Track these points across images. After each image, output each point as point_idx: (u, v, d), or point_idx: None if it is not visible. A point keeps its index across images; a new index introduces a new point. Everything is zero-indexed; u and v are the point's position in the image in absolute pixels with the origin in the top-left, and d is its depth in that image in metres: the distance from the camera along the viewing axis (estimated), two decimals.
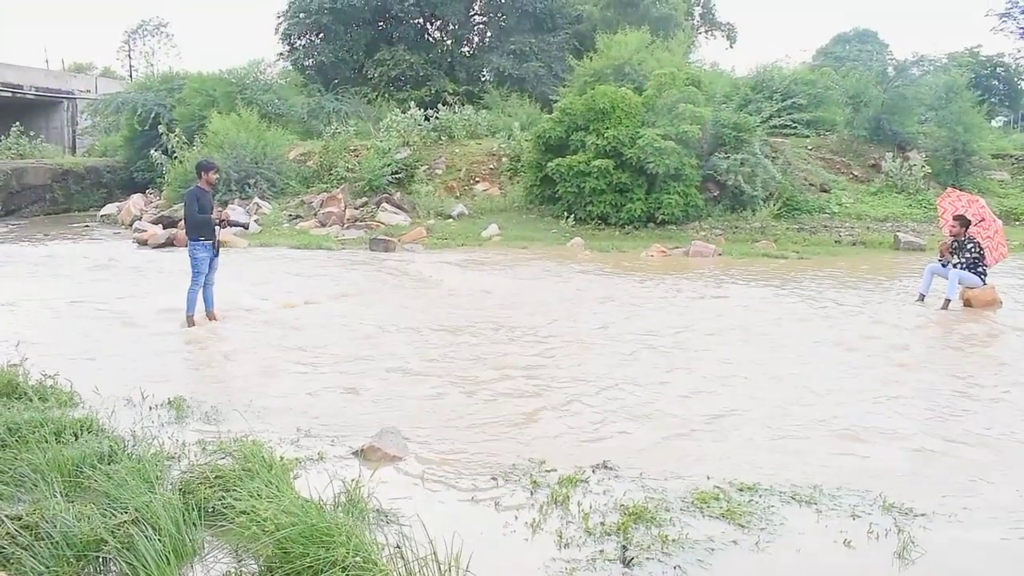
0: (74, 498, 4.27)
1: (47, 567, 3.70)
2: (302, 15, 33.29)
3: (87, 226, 22.98)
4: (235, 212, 10.02)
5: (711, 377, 7.43)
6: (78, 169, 29.16)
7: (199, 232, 9.30)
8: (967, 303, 10.96)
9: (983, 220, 11.56)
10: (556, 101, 22.18)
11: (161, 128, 25.76)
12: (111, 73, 52.87)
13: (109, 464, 4.61)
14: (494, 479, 4.97)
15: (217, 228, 9.39)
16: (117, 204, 25.33)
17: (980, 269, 11.04)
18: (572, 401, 6.63)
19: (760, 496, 4.74)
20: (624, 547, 4.07)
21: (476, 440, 5.73)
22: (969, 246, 11.06)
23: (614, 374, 7.45)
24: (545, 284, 12.78)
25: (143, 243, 17.83)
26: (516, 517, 4.45)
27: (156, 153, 25.46)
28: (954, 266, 11.04)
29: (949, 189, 13.78)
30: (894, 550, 4.12)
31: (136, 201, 24.21)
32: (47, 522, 3.90)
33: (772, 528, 4.35)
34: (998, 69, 38.15)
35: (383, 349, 8.35)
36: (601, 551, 4.05)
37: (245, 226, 9.35)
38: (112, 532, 3.80)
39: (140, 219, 21.61)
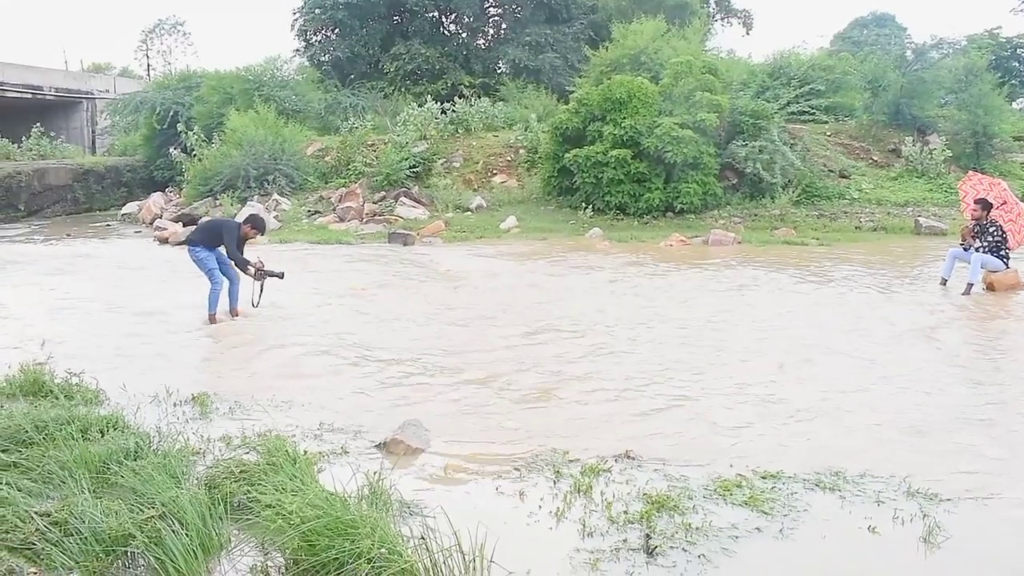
0: (101, 494, 4.32)
1: (76, 562, 3.75)
2: (317, 11, 33.35)
3: (108, 225, 23.17)
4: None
5: (730, 366, 7.41)
6: (98, 169, 29.37)
7: (198, 239, 9.58)
8: (990, 287, 10.86)
9: (1005, 203, 11.45)
10: (572, 92, 22.09)
11: (180, 126, 25.95)
12: (129, 73, 53.18)
13: (135, 460, 4.65)
14: (517, 470, 4.98)
15: (256, 281, 9.57)
16: (138, 203, 25.52)
17: (1003, 252, 10.93)
18: (594, 392, 6.63)
19: (783, 483, 4.73)
20: (648, 536, 4.07)
21: (499, 431, 5.74)
22: (991, 229, 10.95)
23: (636, 365, 7.44)
24: (565, 275, 12.77)
25: (164, 241, 17.97)
26: (540, 507, 4.47)
27: (175, 151, 25.66)
28: (976, 250, 10.93)
29: (970, 172, 13.62)
30: (920, 535, 4.10)
31: (156, 199, 24.38)
32: (75, 518, 3.96)
33: (796, 515, 4.34)
34: (1018, 50, 37.64)
35: (404, 343, 8.38)
36: (625, 540, 4.05)
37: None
38: (140, 527, 3.84)
39: (161, 217, 21.78)
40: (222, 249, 9.50)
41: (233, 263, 9.50)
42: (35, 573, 3.63)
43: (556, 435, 5.61)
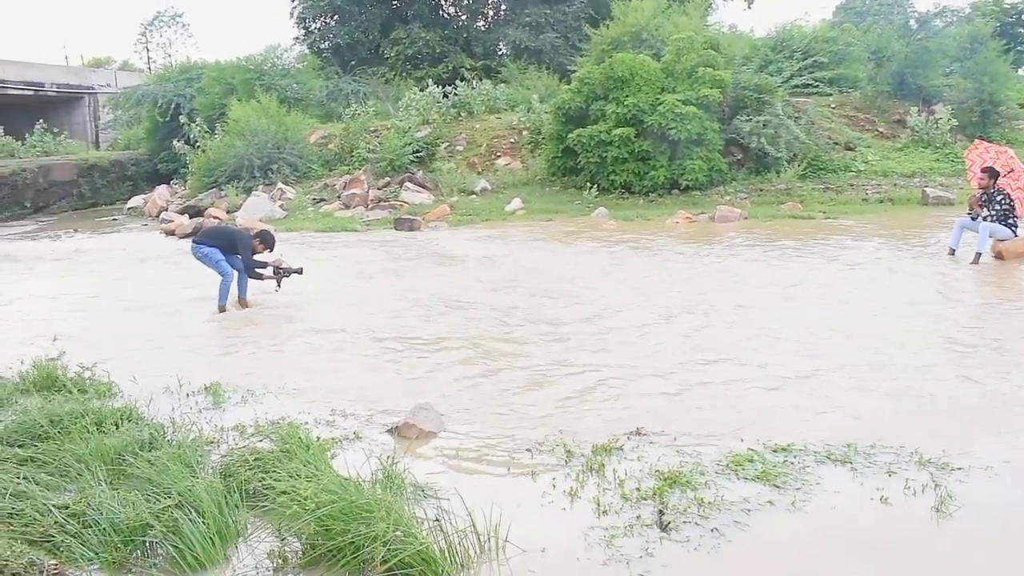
0: (118, 485, 4.35)
1: (95, 553, 3.80)
2: None
3: (115, 219, 23.21)
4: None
5: (739, 341, 7.41)
6: (103, 163, 29.36)
7: (207, 242, 9.57)
8: (999, 256, 10.82)
9: (1012, 171, 11.39)
10: (574, 71, 21.97)
11: (182, 118, 25.88)
12: (130, 66, 53.05)
13: (150, 451, 4.69)
14: (529, 450, 5.01)
15: (277, 277, 9.71)
16: (143, 196, 25.51)
17: (1011, 221, 10.89)
18: (606, 370, 6.64)
19: (794, 456, 4.74)
20: (661, 512, 4.09)
21: (511, 412, 5.76)
22: (999, 198, 10.90)
23: (647, 344, 7.45)
24: (574, 255, 12.78)
25: (171, 233, 18.02)
26: (553, 487, 4.49)
27: (179, 143, 25.63)
28: (984, 219, 10.89)
29: (976, 141, 13.55)
30: (931, 505, 4.12)
31: (162, 192, 24.40)
32: (93, 509, 4.00)
33: (807, 488, 4.36)
34: (1023, 16, 37.31)
35: (414, 327, 8.40)
36: (638, 516, 4.08)
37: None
38: (157, 517, 3.89)
39: (167, 210, 21.79)
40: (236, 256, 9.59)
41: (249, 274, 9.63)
42: (55, 565, 3.67)
43: (568, 415, 5.64)
